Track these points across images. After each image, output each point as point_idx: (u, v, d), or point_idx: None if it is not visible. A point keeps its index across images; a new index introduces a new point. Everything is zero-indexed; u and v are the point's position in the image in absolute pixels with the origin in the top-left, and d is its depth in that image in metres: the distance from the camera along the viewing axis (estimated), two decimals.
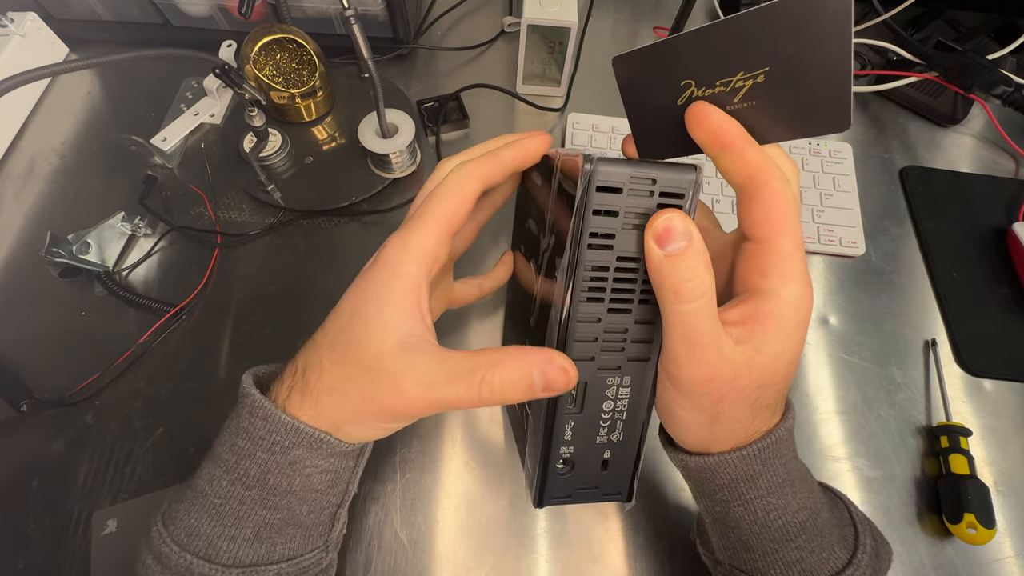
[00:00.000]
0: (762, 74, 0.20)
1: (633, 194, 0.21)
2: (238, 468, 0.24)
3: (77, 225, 0.45)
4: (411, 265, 0.23)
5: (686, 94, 0.22)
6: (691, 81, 0.21)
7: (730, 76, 0.21)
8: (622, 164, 0.21)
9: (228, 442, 0.24)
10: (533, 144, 0.26)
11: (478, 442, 0.41)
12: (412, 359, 0.22)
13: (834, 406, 0.43)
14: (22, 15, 0.54)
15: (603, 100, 0.58)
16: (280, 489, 0.24)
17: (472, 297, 0.35)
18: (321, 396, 0.23)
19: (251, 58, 0.47)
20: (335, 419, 0.23)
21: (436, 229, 0.24)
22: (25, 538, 0.36)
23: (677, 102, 0.22)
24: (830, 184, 0.52)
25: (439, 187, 0.25)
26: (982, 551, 0.38)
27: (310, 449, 0.23)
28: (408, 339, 0.22)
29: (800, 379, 0.44)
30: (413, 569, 0.36)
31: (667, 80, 0.22)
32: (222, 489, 0.24)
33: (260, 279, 0.46)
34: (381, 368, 0.22)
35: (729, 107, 0.21)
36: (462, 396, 0.21)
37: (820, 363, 0.45)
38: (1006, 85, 0.53)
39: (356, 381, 0.23)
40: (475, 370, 0.21)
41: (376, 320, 0.23)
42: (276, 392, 0.24)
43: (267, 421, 0.23)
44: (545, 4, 0.50)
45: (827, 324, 0.47)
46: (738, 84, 0.21)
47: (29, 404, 0.39)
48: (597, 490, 0.27)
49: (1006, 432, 0.42)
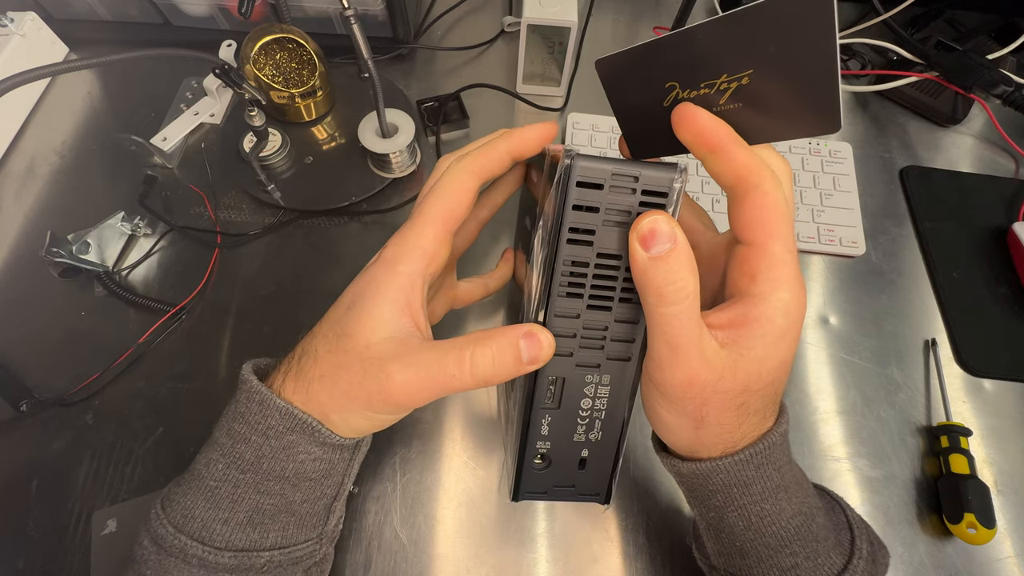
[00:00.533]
0: (746, 76, 0.19)
1: (615, 191, 0.21)
2: (233, 451, 0.24)
3: (77, 225, 0.45)
4: (408, 263, 0.24)
5: (671, 96, 0.22)
6: (675, 83, 0.21)
7: (714, 78, 0.20)
8: (604, 161, 0.21)
9: (225, 427, 0.25)
10: (531, 133, 0.26)
11: (478, 442, 0.41)
12: (400, 348, 0.23)
13: (834, 406, 0.43)
14: (22, 15, 0.54)
15: (603, 100, 0.57)
16: (274, 474, 0.24)
17: (477, 296, 0.35)
18: (312, 383, 0.24)
19: (251, 58, 0.47)
20: (324, 406, 0.24)
21: (433, 227, 0.24)
22: (25, 538, 0.36)
23: (663, 103, 0.22)
24: (830, 184, 0.52)
25: (436, 185, 0.25)
26: (982, 551, 0.38)
27: (303, 435, 0.24)
28: (397, 334, 0.23)
29: (800, 379, 0.44)
30: (413, 569, 0.36)
31: (651, 82, 0.22)
32: (218, 472, 0.24)
33: (260, 279, 0.46)
34: (370, 356, 0.23)
35: (716, 108, 0.21)
36: (453, 374, 0.22)
37: (820, 363, 0.45)
38: (1006, 85, 0.53)
39: (345, 369, 0.23)
40: (463, 347, 0.22)
41: (369, 314, 0.23)
42: (273, 379, 0.25)
43: (263, 406, 0.24)
44: (545, 4, 0.50)
45: (827, 324, 0.47)
46: (723, 86, 0.20)
47: (29, 404, 0.39)
48: (574, 489, 0.27)
49: (1006, 432, 0.42)
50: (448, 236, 0.25)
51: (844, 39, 0.60)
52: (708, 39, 0.19)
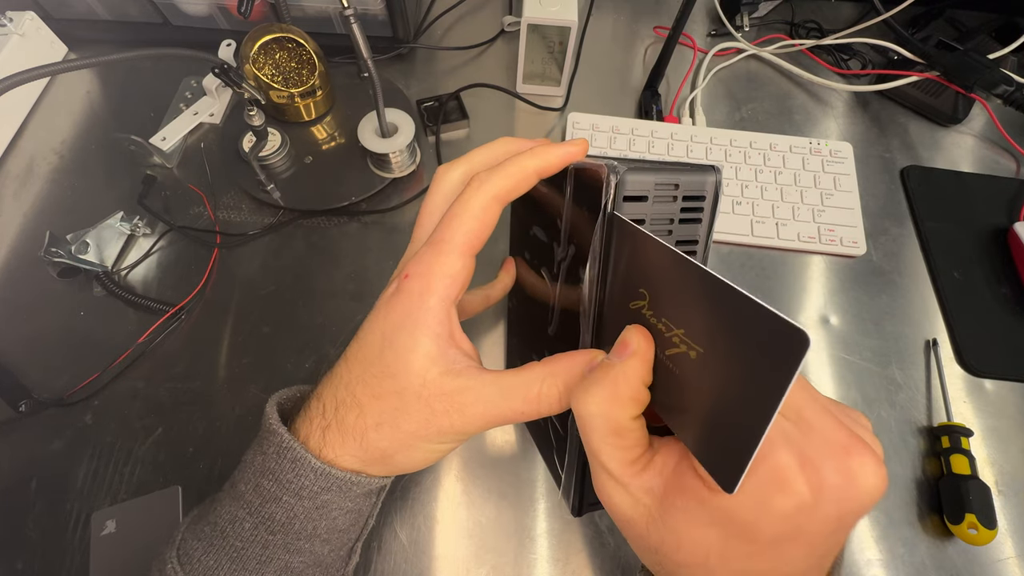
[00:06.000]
0: (695, 351, 0.17)
1: (658, 201, 0.21)
2: (263, 511, 0.23)
3: (76, 225, 0.45)
4: (438, 293, 0.22)
5: (638, 304, 0.20)
6: (646, 294, 0.20)
7: (673, 325, 0.18)
8: (646, 172, 0.20)
9: (252, 481, 0.23)
10: (562, 152, 0.24)
11: (478, 442, 0.40)
12: (462, 381, 0.22)
13: None
14: (21, 14, 0.54)
15: (603, 100, 0.58)
16: (305, 533, 0.23)
17: (479, 308, 0.34)
18: (367, 433, 0.22)
19: (250, 57, 0.47)
20: (386, 450, 0.23)
21: (461, 254, 0.23)
22: (24, 538, 0.36)
23: (628, 304, 0.21)
24: (831, 184, 0.52)
25: (459, 206, 0.23)
26: (983, 551, 0.38)
27: (340, 492, 0.23)
28: (452, 366, 0.22)
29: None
30: (413, 569, 0.36)
31: (629, 272, 0.21)
32: (244, 532, 0.23)
33: (259, 279, 0.46)
34: (431, 394, 0.22)
35: (660, 353, 0.19)
36: (524, 411, 0.22)
37: (820, 363, 0.45)
38: (1007, 84, 0.53)
39: (404, 412, 0.22)
40: (531, 384, 0.22)
41: (413, 353, 0.22)
42: (304, 431, 0.23)
43: (296, 464, 0.22)
44: (545, 4, 0.50)
45: (827, 324, 0.46)
46: (675, 339, 0.18)
47: (28, 404, 0.39)
48: None
49: (1007, 432, 0.42)
50: (472, 261, 0.24)
51: (845, 38, 0.59)
52: (694, 282, 0.17)
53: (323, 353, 0.43)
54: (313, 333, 0.44)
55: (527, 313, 0.33)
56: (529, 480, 0.39)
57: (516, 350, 0.38)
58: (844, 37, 0.60)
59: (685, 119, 0.57)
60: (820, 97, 0.60)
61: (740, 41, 0.61)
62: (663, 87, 0.59)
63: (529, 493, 0.39)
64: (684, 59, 0.61)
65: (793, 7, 0.66)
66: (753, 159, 0.53)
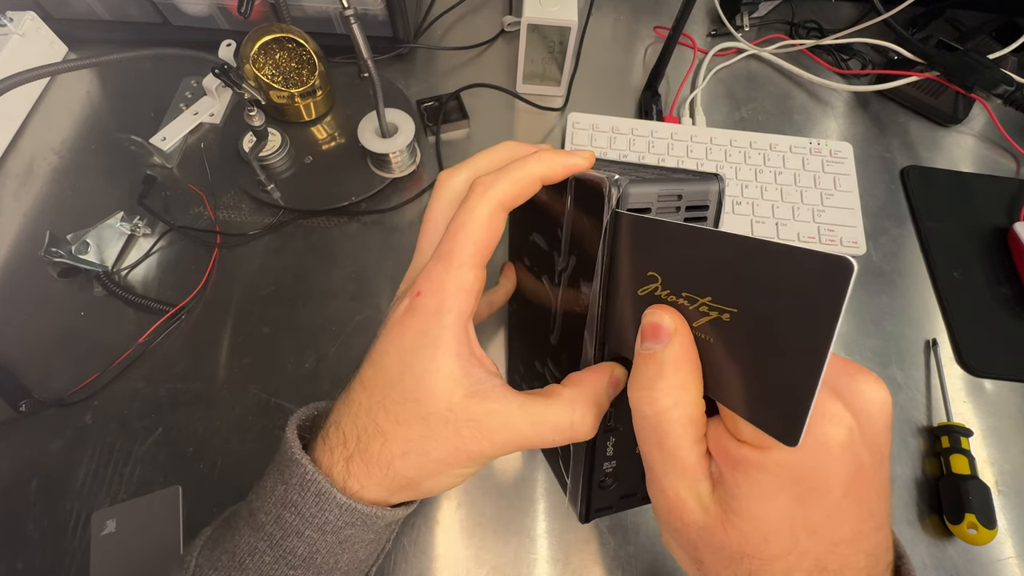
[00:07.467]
0: (728, 313, 0.17)
1: (661, 212, 0.20)
2: (284, 545, 0.22)
3: (76, 225, 0.45)
4: (454, 310, 0.22)
5: (649, 287, 0.19)
6: (657, 275, 0.19)
7: (697, 295, 0.18)
8: (647, 183, 0.20)
9: (274, 512, 0.22)
10: (569, 162, 0.23)
11: None
12: (489, 405, 0.21)
13: None
14: (21, 14, 0.54)
15: (603, 100, 0.58)
16: (326, 567, 0.23)
17: (483, 315, 0.33)
18: (393, 461, 0.22)
19: (250, 57, 0.47)
20: (413, 478, 0.22)
21: (472, 266, 0.22)
22: (24, 538, 0.36)
23: (637, 291, 0.20)
24: (831, 183, 0.52)
25: (465, 215, 0.22)
26: (983, 551, 0.38)
27: (363, 526, 0.22)
28: (477, 387, 0.21)
29: None
30: (413, 570, 0.36)
31: (635, 258, 0.20)
32: (264, 566, 0.22)
33: (259, 279, 0.46)
34: (458, 419, 0.21)
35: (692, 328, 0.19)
36: (555, 439, 0.22)
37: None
38: (1007, 84, 0.53)
39: (433, 439, 0.21)
40: (562, 415, 0.22)
41: (435, 375, 0.21)
42: (327, 462, 0.22)
43: (320, 499, 0.21)
44: (545, 3, 0.50)
45: None
46: (702, 308, 0.18)
47: (28, 404, 0.39)
48: (637, 496, 0.27)
49: (1007, 432, 0.42)
50: (483, 272, 0.23)
51: (845, 38, 0.59)
52: (712, 246, 0.17)
53: (323, 353, 0.43)
54: (313, 333, 0.44)
55: (528, 317, 0.33)
56: (529, 480, 0.39)
57: (518, 352, 0.38)
58: (844, 37, 0.60)
59: (685, 119, 0.57)
60: (820, 97, 0.60)
61: (740, 41, 0.61)
62: (663, 87, 0.59)
63: (529, 493, 0.39)
64: (684, 59, 0.61)
65: (793, 7, 0.66)
66: (753, 159, 0.53)
